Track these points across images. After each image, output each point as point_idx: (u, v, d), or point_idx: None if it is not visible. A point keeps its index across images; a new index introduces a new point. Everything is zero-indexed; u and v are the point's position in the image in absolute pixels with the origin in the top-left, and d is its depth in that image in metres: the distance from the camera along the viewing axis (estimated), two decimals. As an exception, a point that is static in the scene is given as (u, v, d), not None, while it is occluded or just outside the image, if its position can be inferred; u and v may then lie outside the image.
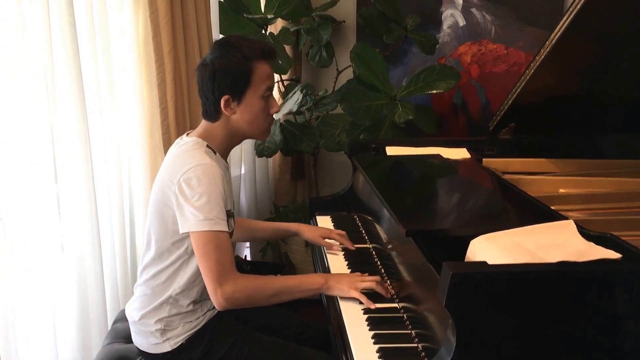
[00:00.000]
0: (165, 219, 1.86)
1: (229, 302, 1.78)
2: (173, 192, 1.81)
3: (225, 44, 1.88)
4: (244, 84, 1.85)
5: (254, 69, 1.85)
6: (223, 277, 1.77)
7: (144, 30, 2.51)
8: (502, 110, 2.60)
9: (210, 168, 1.80)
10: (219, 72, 1.83)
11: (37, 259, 2.15)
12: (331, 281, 1.88)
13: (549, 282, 1.30)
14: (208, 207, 1.77)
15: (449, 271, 1.26)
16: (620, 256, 1.39)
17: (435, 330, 1.48)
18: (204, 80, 1.86)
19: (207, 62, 1.86)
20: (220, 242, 1.78)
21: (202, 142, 1.90)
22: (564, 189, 2.29)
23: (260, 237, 2.48)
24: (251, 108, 1.88)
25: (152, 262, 1.93)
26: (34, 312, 2.16)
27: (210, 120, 1.92)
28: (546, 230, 1.54)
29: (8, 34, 1.99)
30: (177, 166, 1.83)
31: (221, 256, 1.77)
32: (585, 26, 2.10)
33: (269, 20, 3.36)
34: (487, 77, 3.76)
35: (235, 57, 1.83)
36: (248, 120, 1.90)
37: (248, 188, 3.75)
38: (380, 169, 2.53)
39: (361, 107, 3.22)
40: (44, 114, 2.14)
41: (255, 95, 1.87)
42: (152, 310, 1.92)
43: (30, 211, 2.12)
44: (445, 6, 3.76)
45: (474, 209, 1.98)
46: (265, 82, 1.88)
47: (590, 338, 1.32)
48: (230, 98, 1.85)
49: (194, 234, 1.78)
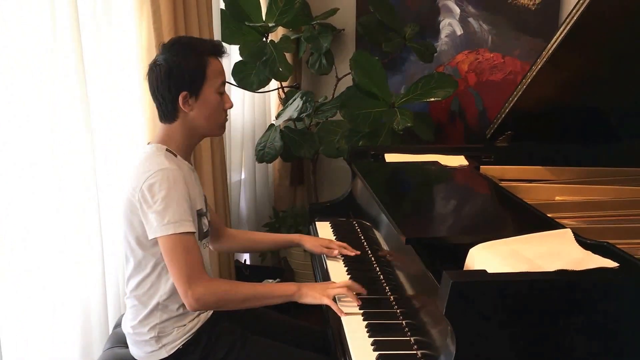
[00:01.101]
0: (135, 227, 1.87)
1: (199, 302, 1.79)
2: (137, 199, 1.81)
3: (175, 43, 1.91)
4: (200, 78, 1.87)
5: (208, 64, 1.88)
6: (193, 279, 1.77)
7: (148, 39, 2.53)
8: (499, 118, 2.62)
9: (171, 172, 1.81)
10: (175, 70, 1.84)
11: (37, 259, 2.17)
12: (303, 289, 1.90)
13: (548, 290, 1.32)
14: (171, 211, 1.78)
15: (449, 280, 1.27)
16: (618, 265, 1.42)
17: (434, 338, 1.49)
18: (159, 80, 1.87)
19: (160, 62, 1.87)
20: (187, 243, 1.79)
21: (162, 147, 1.91)
22: (560, 196, 2.31)
23: (260, 248, 2.49)
24: (208, 103, 1.90)
25: (133, 272, 1.93)
26: (34, 313, 2.18)
27: (167, 121, 1.92)
28: (544, 239, 1.56)
29: (11, 37, 2.02)
30: (139, 173, 1.84)
31: (188, 257, 1.78)
32: (581, 37, 2.12)
33: (270, 28, 3.38)
34: (484, 85, 3.79)
35: (188, 54, 1.86)
36: (206, 116, 1.91)
37: (248, 193, 3.77)
38: (379, 176, 2.55)
39: (360, 114, 3.25)
40: (45, 116, 2.16)
41: (211, 90, 1.89)
42: (144, 319, 1.92)
43: (30, 211, 2.13)
44: (443, 16, 3.79)
45: (473, 216, 2.00)
46: (218, 77, 1.91)
47: (588, 346, 1.34)
48: (187, 94, 1.87)
49: (160, 238, 1.79)
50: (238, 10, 3.29)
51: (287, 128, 3.61)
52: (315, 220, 2.71)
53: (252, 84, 3.35)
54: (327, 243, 2.32)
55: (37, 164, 2.15)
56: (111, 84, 2.48)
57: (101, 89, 2.42)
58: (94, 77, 2.37)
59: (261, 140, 3.57)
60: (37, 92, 2.13)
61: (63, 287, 2.28)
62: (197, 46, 1.89)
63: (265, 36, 3.41)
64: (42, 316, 2.21)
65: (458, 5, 3.75)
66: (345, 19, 3.92)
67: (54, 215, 2.23)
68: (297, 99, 3.49)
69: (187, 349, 1.93)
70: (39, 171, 2.16)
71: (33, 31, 2.10)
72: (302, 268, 3.68)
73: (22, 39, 2.06)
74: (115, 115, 2.51)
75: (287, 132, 3.56)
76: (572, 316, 1.32)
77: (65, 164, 2.24)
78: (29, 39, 2.08)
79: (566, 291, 1.32)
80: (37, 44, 2.11)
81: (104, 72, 2.44)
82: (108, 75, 2.46)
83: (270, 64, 3.31)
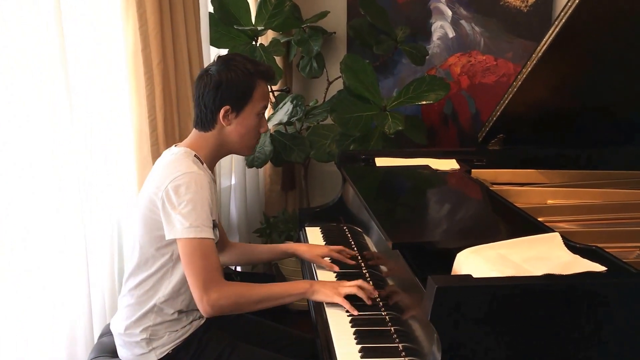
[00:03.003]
0: (150, 225, 1.89)
1: (215, 309, 1.80)
2: (160, 198, 1.84)
3: (231, 59, 1.96)
4: (245, 98, 1.93)
5: (256, 86, 1.94)
6: (209, 284, 1.79)
7: (134, 42, 2.51)
8: (490, 121, 2.61)
9: (198, 176, 1.85)
10: (225, 83, 1.90)
11: (37, 259, 2.18)
12: (315, 286, 1.91)
13: (534, 295, 1.30)
14: (194, 215, 1.80)
15: (434, 285, 1.26)
16: (606, 269, 1.40)
17: (422, 344, 1.47)
18: (207, 89, 1.92)
19: (212, 73, 1.92)
20: (206, 249, 1.81)
21: (190, 152, 1.95)
22: (552, 199, 2.29)
23: (257, 259, 2.48)
24: (246, 122, 1.96)
25: (137, 269, 1.94)
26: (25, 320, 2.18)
27: (203, 129, 1.97)
28: (532, 243, 1.54)
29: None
30: (165, 174, 1.87)
31: (207, 263, 1.80)
32: (571, 39, 2.12)
33: (259, 31, 3.36)
34: (476, 87, 3.77)
35: (242, 72, 1.91)
36: (240, 134, 1.97)
37: (238, 198, 3.74)
38: (369, 180, 2.53)
39: (351, 118, 3.23)
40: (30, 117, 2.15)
41: (253, 111, 1.96)
42: (137, 320, 1.92)
43: (30, 211, 2.15)
44: (435, 18, 3.77)
45: (462, 221, 1.98)
46: (262, 100, 1.98)
47: (576, 350, 1.32)
48: (230, 109, 1.92)
49: (180, 241, 1.81)
50: (227, 13, 3.26)
51: (277, 132, 3.59)
52: (305, 226, 2.69)
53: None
54: (325, 252, 2.26)
55: (37, 164, 2.18)
56: (96, 88, 2.47)
57: (86, 93, 2.41)
58: (78, 81, 2.36)
59: (251, 145, 3.53)
60: (21, 93, 2.12)
61: (50, 299, 2.26)
62: (251, 67, 1.94)
63: (254, 40, 3.39)
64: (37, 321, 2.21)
65: (450, 7, 3.72)
66: (336, 22, 3.89)
67: (54, 215, 2.24)
68: (287, 102, 3.46)
69: (176, 355, 1.94)
70: (39, 171, 2.19)
71: (16, 33, 2.09)
72: (294, 275, 3.65)
73: (4, 40, 2.05)
74: (101, 119, 2.50)
75: (277, 137, 3.54)
76: (559, 320, 1.31)
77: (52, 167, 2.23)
78: (11, 40, 2.07)
79: (553, 295, 1.31)
80: (20, 46, 2.10)
81: (89, 75, 2.42)
82: (93, 78, 2.44)
83: (260, 68, 3.28)
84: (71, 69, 2.27)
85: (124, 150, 2.60)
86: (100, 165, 2.48)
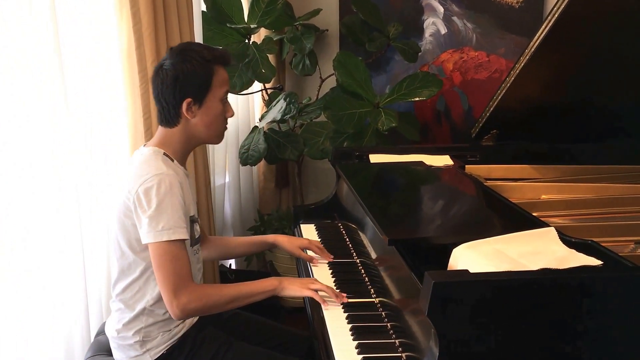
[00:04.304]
0: (127, 230, 1.87)
1: (184, 312, 1.79)
2: (132, 202, 1.81)
3: (184, 49, 1.91)
4: (205, 87, 1.88)
5: (214, 73, 1.89)
6: (179, 288, 1.77)
7: (128, 41, 2.50)
8: (484, 116, 2.62)
9: (168, 177, 1.82)
10: (182, 75, 1.85)
11: (37, 259, 2.17)
12: (285, 282, 1.91)
13: (531, 289, 1.31)
14: (165, 217, 1.78)
15: (431, 280, 1.26)
16: (601, 263, 1.41)
17: (419, 340, 1.48)
18: (164, 84, 1.87)
19: (167, 67, 1.87)
20: (176, 252, 1.79)
21: (159, 151, 1.91)
22: (546, 194, 2.30)
23: (236, 253, 2.46)
24: (211, 111, 1.92)
25: (121, 274, 1.92)
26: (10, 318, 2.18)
27: (168, 125, 1.93)
28: (527, 238, 1.55)
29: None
30: (135, 176, 1.84)
31: (177, 266, 1.78)
32: (563, 34, 2.12)
33: (252, 29, 3.36)
34: (469, 84, 3.78)
35: (197, 61, 1.86)
36: (207, 124, 1.93)
37: (232, 197, 3.74)
38: (363, 177, 2.53)
39: (345, 115, 3.23)
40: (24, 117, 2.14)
41: (215, 99, 1.91)
42: (129, 322, 1.91)
43: (30, 211, 2.14)
44: (427, 14, 3.77)
45: (457, 216, 1.98)
46: (223, 86, 1.93)
47: (573, 344, 1.33)
48: (192, 101, 1.88)
49: (151, 245, 1.79)
50: (220, 11, 3.26)
51: (271, 130, 3.59)
52: (300, 223, 2.69)
53: (235, 86, 3.32)
54: (305, 244, 2.30)
55: (37, 164, 2.18)
56: (92, 87, 2.45)
57: (82, 92, 2.40)
58: (74, 80, 2.35)
59: (245, 143, 3.54)
60: (20, 93, 2.11)
61: (46, 297, 2.25)
62: (205, 54, 1.89)
63: (247, 38, 3.39)
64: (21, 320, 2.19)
65: (442, 4, 3.73)
66: (329, 20, 3.89)
67: (54, 215, 2.24)
68: (280, 100, 3.46)
69: (171, 354, 1.93)
70: (39, 171, 2.18)
71: (14, 33, 2.08)
72: (289, 272, 3.65)
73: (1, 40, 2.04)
74: (98, 118, 2.49)
75: (271, 134, 3.53)
76: (556, 315, 1.31)
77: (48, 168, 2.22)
78: (9, 41, 2.06)
79: (550, 290, 1.31)
80: (15, 45, 2.09)
81: (85, 74, 2.41)
82: (88, 77, 2.43)
83: (253, 66, 3.29)
84: (67, 68, 2.26)
85: (120, 149, 2.59)
86: (99, 165, 2.47)
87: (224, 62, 1.93)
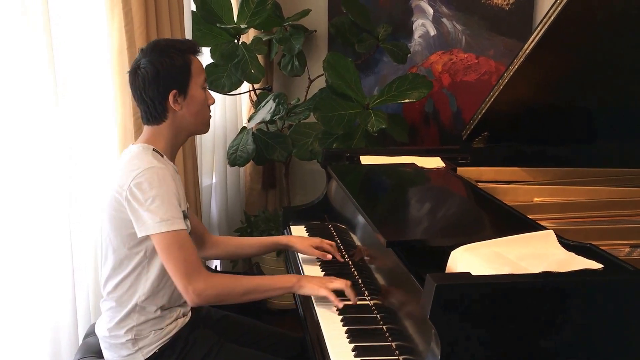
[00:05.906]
0: (119, 225, 1.86)
1: (201, 297, 1.78)
2: (124, 197, 1.80)
3: (156, 46, 1.92)
4: (186, 76, 1.91)
5: (191, 62, 1.92)
6: (192, 274, 1.78)
7: (119, 40, 2.49)
8: (475, 118, 2.60)
9: (160, 170, 1.82)
10: (162, 70, 1.87)
11: (24, 259, 2.16)
12: (303, 280, 1.91)
13: (533, 292, 1.30)
14: (163, 208, 1.78)
15: (434, 283, 1.25)
16: (602, 266, 1.40)
17: (416, 342, 1.47)
18: (146, 82, 1.88)
19: (144, 66, 1.88)
20: (182, 240, 1.80)
21: (149, 147, 1.91)
22: (538, 197, 2.30)
23: (246, 253, 2.46)
24: (195, 100, 1.94)
25: (112, 272, 1.91)
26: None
27: (155, 122, 1.93)
28: (526, 241, 1.54)
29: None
30: (126, 173, 1.83)
31: (186, 254, 1.79)
32: (558, 38, 2.11)
33: (241, 30, 3.34)
34: (458, 85, 3.78)
35: (172, 53, 1.88)
36: (193, 112, 1.95)
37: (219, 197, 3.72)
38: (356, 179, 2.52)
39: (334, 116, 3.22)
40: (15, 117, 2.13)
41: (197, 87, 1.94)
42: (121, 321, 1.90)
43: (16, 212, 2.13)
44: (417, 16, 3.77)
45: (453, 218, 1.97)
46: (201, 74, 1.96)
47: (574, 348, 1.32)
48: (177, 92, 1.89)
49: (155, 236, 1.79)
50: (209, 11, 3.24)
51: (259, 131, 3.56)
52: (289, 224, 2.67)
53: (223, 87, 3.30)
54: (317, 242, 2.28)
55: (37, 164, 2.18)
56: (82, 86, 2.45)
57: (72, 91, 2.39)
58: (65, 79, 2.34)
59: (233, 144, 3.52)
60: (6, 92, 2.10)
61: (34, 299, 2.23)
62: (178, 45, 1.92)
63: (236, 38, 3.37)
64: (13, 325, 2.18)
65: (431, 5, 3.73)
66: (318, 20, 3.88)
67: (54, 215, 2.24)
68: (269, 101, 3.44)
69: (163, 353, 1.92)
70: (39, 171, 2.18)
71: (2, 30, 2.06)
72: (275, 274, 3.63)
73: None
74: (88, 117, 2.48)
75: (259, 135, 3.51)
76: (557, 318, 1.30)
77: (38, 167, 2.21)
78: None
79: (552, 293, 1.30)
80: (6, 44, 2.08)
81: (76, 74, 2.41)
82: (79, 77, 2.43)
83: (242, 66, 3.27)
84: (57, 67, 2.24)
85: (110, 148, 2.57)
86: (88, 164, 2.47)
87: (196, 51, 1.96)
